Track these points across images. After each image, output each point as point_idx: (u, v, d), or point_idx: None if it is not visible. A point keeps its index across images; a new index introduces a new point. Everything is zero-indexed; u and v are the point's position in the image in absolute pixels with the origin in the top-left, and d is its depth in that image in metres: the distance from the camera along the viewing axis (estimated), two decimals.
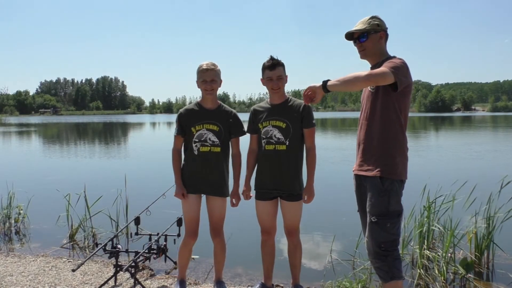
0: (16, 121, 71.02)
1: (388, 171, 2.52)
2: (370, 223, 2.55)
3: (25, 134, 31.10)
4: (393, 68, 2.41)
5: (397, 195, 2.53)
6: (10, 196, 5.60)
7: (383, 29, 2.65)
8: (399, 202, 2.55)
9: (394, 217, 2.52)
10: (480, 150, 15.22)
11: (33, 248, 4.78)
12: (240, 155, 3.27)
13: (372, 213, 2.54)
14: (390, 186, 2.51)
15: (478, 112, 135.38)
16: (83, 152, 16.95)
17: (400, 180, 2.56)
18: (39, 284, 3.56)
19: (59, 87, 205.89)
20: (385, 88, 2.49)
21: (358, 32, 2.64)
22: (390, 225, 2.51)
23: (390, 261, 2.52)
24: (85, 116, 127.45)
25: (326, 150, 14.84)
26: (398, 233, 2.58)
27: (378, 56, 2.64)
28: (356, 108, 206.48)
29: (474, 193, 4.36)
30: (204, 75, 3.10)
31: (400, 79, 2.41)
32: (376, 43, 2.63)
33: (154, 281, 3.66)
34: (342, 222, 5.75)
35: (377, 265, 2.57)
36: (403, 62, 2.49)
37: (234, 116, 3.26)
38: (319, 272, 4.05)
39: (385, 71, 2.40)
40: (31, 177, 10.09)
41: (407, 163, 2.62)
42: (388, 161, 2.53)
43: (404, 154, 2.59)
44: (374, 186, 2.54)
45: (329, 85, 2.57)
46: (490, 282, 3.77)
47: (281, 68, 3.05)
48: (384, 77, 2.40)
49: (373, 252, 2.56)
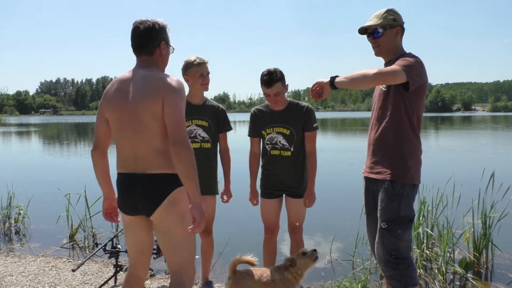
0: (16, 121, 71.00)
1: (399, 174, 2.38)
2: (380, 229, 2.42)
3: (25, 134, 31.10)
4: (406, 67, 2.27)
5: (409, 199, 2.40)
6: (10, 196, 5.60)
7: (399, 24, 2.47)
8: (410, 207, 2.41)
9: (405, 223, 2.39)
10: (477, 150, 15.22)
11: (33, 248, 4.78)
12: (228, 150, 3.25)
13: (383, 218, 2.41)
14: (401, 190, 2.38)
15: (478, 112, 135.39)
16: (83, 152, 16.95)
17: (412, 184, 2.42)
18: (39, 284, 3.56)
19: (59, 87, 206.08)
20: (397, 87, 2.36)
21: (372, 27, 2.48)
22: (401, 232, 2.38)
23: (402, 269, 2.39)
24: (85, 116, 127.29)
25: (326, 150, 14.85)
26: (410, 239, 2.46)
27: (393, 53, 2.49)
28: (356, 108, 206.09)
29: (469, 191, 4.36)
30: (201, 69, 3.03)
31: (412, 79, 2.27)
32: (391, 39, 2.46)
33: (154, 281, 3.66)
34: (342, 222, 5.75)
35: (389, 274, 2.44)
36: (417, 60, 2.34)
37: (222, 110, 3.23)
38: (319, 272, 4.05)
39: (396, 70, 2.27)
40: (31, 177, 10.09)
41: (420, 167, 2.48)
42: (399, 164, 2.39)
43: (416, 157, 2.44)
44: (384, 190, 2.41)
45: (336, 82, 2.43)
46: (489, 282, 3.77)
47: (278, 83, 2.94)
48: (395, 76, 2.27)
49: (384, 260, 2.43)
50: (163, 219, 2.09)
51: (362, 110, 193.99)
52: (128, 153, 2.11)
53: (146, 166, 2.06)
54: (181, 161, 1.94)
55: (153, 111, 2.01)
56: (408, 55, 2.40)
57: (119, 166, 2.17)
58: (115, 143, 2.19)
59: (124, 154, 2.13)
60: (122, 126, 2.10)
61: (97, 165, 2.24)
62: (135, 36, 2.13)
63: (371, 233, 2.63)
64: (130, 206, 2.15)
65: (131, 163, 2.10)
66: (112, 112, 2.12)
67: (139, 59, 2.17)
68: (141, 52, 2.15)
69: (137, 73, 2.11)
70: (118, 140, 2.15)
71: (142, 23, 2.12)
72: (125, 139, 2.11)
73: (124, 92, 2.08)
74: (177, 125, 1.98)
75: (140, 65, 2.15)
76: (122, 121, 2.09)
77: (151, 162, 2.06)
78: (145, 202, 2.09)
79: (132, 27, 2.15)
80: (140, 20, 2.14)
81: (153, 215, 2.09)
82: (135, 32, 2.13)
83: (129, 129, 2.08)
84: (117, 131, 2.13)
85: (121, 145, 2.14)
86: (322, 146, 15.96)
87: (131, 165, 2.10)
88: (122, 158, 2.15)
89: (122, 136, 2.12)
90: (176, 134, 1.96)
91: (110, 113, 2.13)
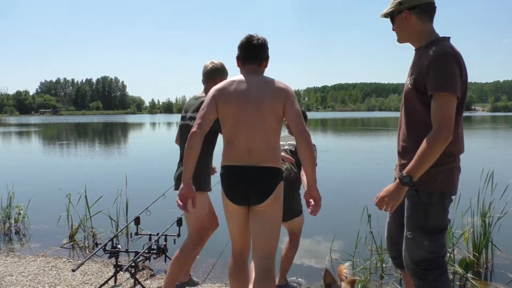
0: (16, 121, 71.02)
1: (425, 182, 2.07)
2: (406, 238, 2.21)
3: (25, 134, 31.10)
4: (442, 88, 1.96)
5: (438, 209, 2.12)
6: (10, 196, 5.60)
7: (408, 7, 2.13)
8: (440, 217, 2.13)
9: (434, 233, 2.13)
10: (476, 149, 15.23)
11: (33, 248, 4.79)
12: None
13: (408, 227, 2.20)
14: (428, 200, 2.11)
15: (478, 112, 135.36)
16: (83, 152, 16.96)
17: (440, 193, 2.12)
18: (39, 284, 3.57)
19: (59, 87, 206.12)
20: (421, 91, 2.08)
21: (382, 16, 2.28)
22: (428, 243, 2.13)
23: (431, 280, 2.16)
24: (85, 116, 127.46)
25: (325, 150, 14.85)
26: (440, 250, 2.18)
27: (417, 39, 2.18)
28: (356, 108, 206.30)
29: (468, 191, 4.36)
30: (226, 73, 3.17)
31: (456, 91, 1.98)
32: (403, 25, 2.18)
33: (154, 281, 3.66)
34: (342, 222, 5.74)
35: (416, 284, 2.23)
36: (445, 67, 1.98)
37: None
38: (319, 272, 4.05)
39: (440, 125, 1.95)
40: (31, 177, 10.09)
41: (455, 173, 2.15)
42: (426, 170, 2.05)
43: (447, 162, 2.11)
44: (409, 197, 2.16)
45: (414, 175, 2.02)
46: (489, 282, 3.78)
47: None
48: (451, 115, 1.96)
49: (411, 269, 2.23)
50: (270, 207, 2.38)
51: (362, 110, 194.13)
52: (243, 146, 2.35)
53: (259, 159, 2.34)
54: (308, 145, 2.27)
55: (275, 111, 2.33)
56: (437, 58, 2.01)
57: (230, 159, 2.39)
58: (227, 136, 2.40)
59: (238, 147, 2.36)
60: (241, 121, 2.35)
61: (194, 147, 2.33)
62: (248, 48, 2.43)
63: (389, 230, 2.48)
64: (241, 196, 2.40)
65: (245, 156, 2.35)
66: (231, 108, 2.35)
67: (248, 67, 2.45)
68: (253, 62, 2.45)
69: (255, 78, 2.41)
70: (233, 134, 2.37)
71: (255, 38, 2.43)
72: (241, 133, 2.35)
73: (245, 92, 2.35)
74: (299, 119, 2.31)
75: (251, 72, 2.44)
76: (241, 117, 2.34)
77: (264, 156, 2.34)
78: (257, 191, 2.36)
79: (245, 40, 2.43)
80: (252, 35, 2.44)
81: (262, 203, 2.36)
82: (249, 45, 2.43)
83: (247, 124, 2.33)
84: (233, 126, 2.37)
85: (235, 138, 2.37)
86: (322, 146, 15.99)
87: (245, 158, 2.35)
88: (235, 151, 2.38)
89: (238, 131, 2.36)
90: (300, 126, 2.30)
91: (229, 108, 2.36)
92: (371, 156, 13.95)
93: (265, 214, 2.39)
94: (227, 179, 2.41)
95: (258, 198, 2.35)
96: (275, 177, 2.37)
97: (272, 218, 2.41)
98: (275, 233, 2.44)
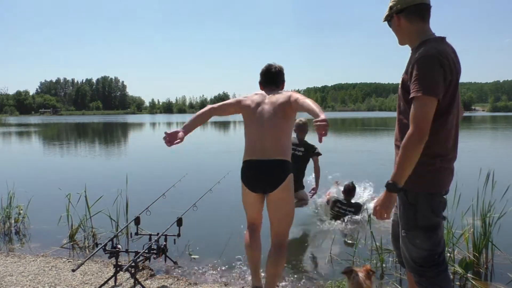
0: (16, 121, 71.02)
1: (411, 182, 2.09)
2: (402, 236, 2.27)
3: (25, 134, 31.10)
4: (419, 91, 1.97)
5: (426, 209, 2.14)
6: (10, 196, 5.60)
7: (395, 11, 2.19)
8: (428, 217, 2.15)
9: (425, 232, 2.16)
10: (476, 149, 15.23)
11: (33, 248, 4.78)
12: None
13: (401, 225, 2.26)
14: (415, 200, 2.15)
15: (478, 112, 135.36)
16: (83, 152, 16.96)
17: (428, 193, 2.15)
18: (39, 284, 3.57)
19: (59, 87, 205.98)
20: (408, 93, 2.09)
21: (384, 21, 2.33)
22: (420, 241, 2.17)
23: (430, 276, 2.19)
24: (85, 116, 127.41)
25: (325, 150, 14.83)
26: (435, 247, 2.18)
27: (410, 40, 2.22)
28: (356, 108, 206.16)
29: (468, 191, 4.36)
30: None
31: (435, 94, 1.98)
32: (397, 29, 2.24)
33: (154, 281, 3.66)
34: (342, 222, 5.73)
35: (416, 280, 2.26)
36: (425, 69, 1.99)
37: None
38: (319, 272, 4.06)
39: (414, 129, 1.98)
40: (32, 177, 10.09)
41: (443, 174, 2.16)
42: (412, 171, 2.07)
43: (434, 163, 2.11)
44: (400, 197, 2.21)
45: (399, 181, 2.07)
46: (489, 282, 3.77)
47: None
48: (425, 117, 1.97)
49: (410, 266, 2.28)
50: (281, 194, 2.88)
51: (362, 110, 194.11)
52: (258, 144, 2.93)
53: (271, 153, 2.87)
54: (313, 102, 2.78)
55: (285, 111, 2.92)
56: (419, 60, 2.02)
57: (249, 154, 2.97)
58: (246, 135, 3.05)
59: (254, 144, 2.95)
60: (257, 122, 2.96)
61: (205, 116, 3.08)
62: (268, 74, 3.19)
63: (393, 229, 2.49)
64: (260, 186, 2.95)
65: (259, 152, 2.91)
66: (252, 110, 3.01)
67: (268, 87, 3.17)
68: (272, 84, 3.18)
69: (272, 93, 3.08)
70: (250, 133, 3.01)
71: (273, 67, 3.19)
72: (257, 133, 2.95)
73: (261, 99, 3.05)
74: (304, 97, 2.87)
75: (270, 90, 3.13)
76: (259, 119, 2.95)
77: (275, 151, 2.88)
78: (271, 180, 2.88)
79: (265, 69, 3.20)
80: (270, 64, 3.20)
81: (275, 191, 2.86)
82: (269, 72, 3.19)
83: (261, 125, 2.94)
84: (248, 126, 3.03)
85: (252, 137, 2.98)
86: (323, 146, 15.92)
87: (259, 153, 2.91)
88: (251, 147, 2.97)
89: (254, 130, 2.97)
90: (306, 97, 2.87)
91: (250, 109, 3.02)
92: (375, 157, 13.94)
93: (277, 201, 2.90)
94: (246, 171, 2.97)
95: (272, 185, 2.86)
96: (286, 168, 2.89)
97: (285, 205, 2.93)
98: (287, 217, 2.99)
